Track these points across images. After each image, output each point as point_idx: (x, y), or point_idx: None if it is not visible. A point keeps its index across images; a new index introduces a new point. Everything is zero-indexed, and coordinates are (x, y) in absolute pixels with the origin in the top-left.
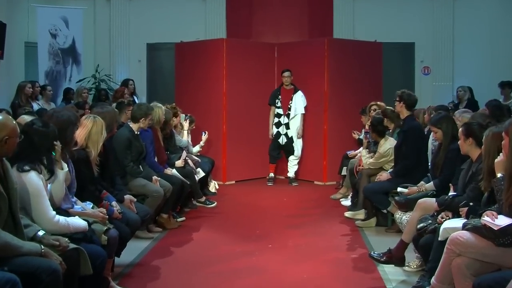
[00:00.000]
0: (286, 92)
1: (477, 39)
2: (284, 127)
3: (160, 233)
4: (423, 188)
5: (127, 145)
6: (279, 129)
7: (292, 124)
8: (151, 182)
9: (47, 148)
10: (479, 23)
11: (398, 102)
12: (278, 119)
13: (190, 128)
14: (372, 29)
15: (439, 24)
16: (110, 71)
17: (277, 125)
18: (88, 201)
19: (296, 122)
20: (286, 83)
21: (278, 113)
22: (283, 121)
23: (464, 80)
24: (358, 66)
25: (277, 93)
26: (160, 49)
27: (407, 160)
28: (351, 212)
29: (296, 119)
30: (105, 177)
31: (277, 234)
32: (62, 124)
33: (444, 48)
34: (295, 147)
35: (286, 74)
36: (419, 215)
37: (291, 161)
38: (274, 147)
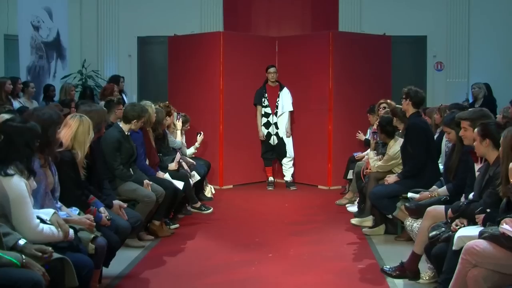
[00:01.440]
0: (272, 89)
1: (495, 32)
2: (274, 127)
3: (152, 242)
4: (435, 193)
5: (117, 146)
6: (269, 129)
7: (280, 122)
8: (142, 186)
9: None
10: (497, 14)
11: (405, 99)
12: (266, 119)
13: (184, 129)
14: (380, 22)
15: (453, 15)
16: (97, 66)
17: (267, 125)
18: (74, 207)
19: (284, 120)
20: (272, 79)
21: (266, 113)
22: (272, 121)
23: (481, 76)
24: (365, 62)
25: (262, 92)
26: (152, 43)
27: (414, 159)
28: (357, 219)
29: (284, 117)
30: (92, 181)
31: (278, 243)
32: (43, 124)
33: (459, 42)
34: (287, 148)
35: (273, 70)
36: (428, 224)
37: (286, 164)
38: (266, 148)
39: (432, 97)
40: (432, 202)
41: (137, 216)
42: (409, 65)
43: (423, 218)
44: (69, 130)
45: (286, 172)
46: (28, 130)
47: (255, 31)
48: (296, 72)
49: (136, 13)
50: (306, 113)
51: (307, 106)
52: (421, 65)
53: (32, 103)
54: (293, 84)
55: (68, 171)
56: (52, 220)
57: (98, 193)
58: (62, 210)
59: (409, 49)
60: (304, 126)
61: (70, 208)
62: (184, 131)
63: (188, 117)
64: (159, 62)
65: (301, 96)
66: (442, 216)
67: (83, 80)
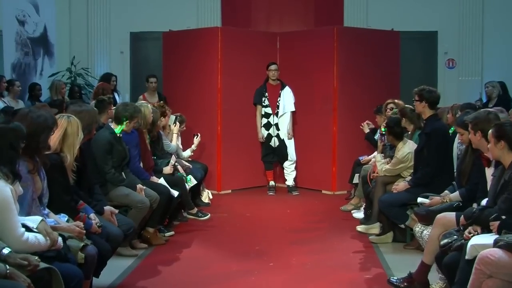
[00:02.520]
0: (273, 88)
1: (511, 27)
2: (275, 128)
3: (146, 250)
4: (447, 198)
5: (108, 149)
6: (270, 130)
7: (281, 123)
8: (135, 191)
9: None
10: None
11: (419, 102)
12: (267, 120)
13: (180, 129)
14: (388, 16)
15: (466, 9)
16: (88, 64)
17: (267, 126)
18: (63, 213)
19: (285, 121)
20: (273, 77)
21: (267, 113)
22: (273, 121)
23: (495, 74)
24: (372, 59)
25: (263, 91)
26: (146, 39)
27: (428, 166)
28: (364, 226)
29: (285, 118)
30: (82, 185)
31: (279, 251)
32: (36, 127)
33: (471, 37)
34: (288, 150)
35: (274, 67)
36: (438, 232)
37: (287, 168)
38: (267, 151)
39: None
40: (444, 208)
41: (130, 223)
42: (418, 62)
43: (433, 225)
44: (57, 132)
45: (288, 176)
46: (11, 130)
47: (255, 26)
48: (298, 70)
49: (128, 7)
50: (309, 113)
51: (310, 106)
52: (431, 62)
53: (18, 102)
54: (295, 83)
55: (56, 176)
56: (40, 228)
57: (88, 199)
58: (50, 217)
59: (418, 46)
60: (307, 127)
61: (58, 214)
62: (180, 132)
63: (184, 117)
64: (153, 60)
65: (303, 96)
66: (453, 223)
67: (72, 78)
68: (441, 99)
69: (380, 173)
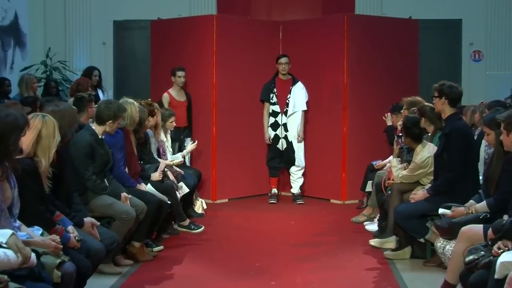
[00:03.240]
0: (283, 84)
1: None
2: (283, 129)
3: (131, 267)
4: (472, 209)
5: (89, 152)
6: (277, 131)
7: (290, 123)
8: (119, 200)
9: None
10: None
11: (438, 98)
12: (274, 119)
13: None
14: (405, 3)
15: None
16: (65, 56)
17: (274, 126)
18: (37, 226)
19: (296, 121)
20: (283, 71)
21: (274, 111)
22: (281, 121)
23: None
24: (387, 51)
25: (271, 86)
26: (131, 28)
27: (450, 172)
28: (378, 240)
29: (296, 118)
30: (59, 194)
31: (282, 268)
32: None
33: (500, 26)
34: (296, 155)
35: (284, 60)
36: (463, 247)
37: (294, 174)
38: (273, 155)
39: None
40: (469, 220)
41: (113, 237)
42: (440, 54)
43: (457, 239)
44: (31, 134)
45: (294, 183)
46: None
47: (254, 14)
48: (303, 64)
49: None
50: (316, 113)
51: (317, 105)
52: (455, 54)
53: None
54: (301, 78)
55: (29, 183)
56: (10, 242)
57: (65, 209)
58: (22, 230)
59: (440, 36)
60: (314, 128)
61: (31, 227)
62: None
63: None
64: (139, 52)
65: (310, 93)
66: (480, 237)
67: (47, 72)
68: (466, 96)
69: (396, 180)
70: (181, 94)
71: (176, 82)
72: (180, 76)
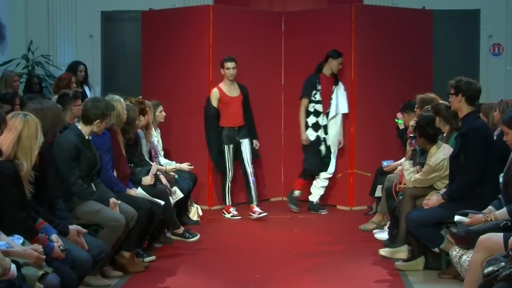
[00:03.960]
0: (328, 81)
1: None
2: (323, 131)
3: (120, 279)
4: (491, 216)
5: (74, 155)
6: (319, 132)
7: (331, 126)
8: (107, 206)
9: None
10: None
11: (454, 95)
12: (316, 119)
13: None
14: None
15: None
16: (48, 50)
17: (316, 127)
18: (17, 235)
19: (336, 124)
20: (336, 70)
21: (317, 111)
22: (322, 122)
23: None
24: (398, 44)
25: (315, 82)
26: (120, 19)
27: (467, 175)
28: (388, 249)
29: (337, 120)
30: (41, 200)
31: (284, 280)
32: None
33: None
34: (332, 161)
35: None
36: (482, 257)
37: (322, 181)
38: (316, 159)
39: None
40: (488, 228)
41: (101, 246)
42: (456, 48)
43: (475, 249)
44: (10, 134)
45: (317, 190)
46: None
47: (254, 4)
48: (307, 58)
49: None
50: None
51: None
52: (472, 48)
53: None
54: (304, 73)
55: (9, 188)
56: None
57: (49, 216)
58: (1, 239)
59: (456, 28)
60: None
61: (11, 236)
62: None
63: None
64: (129, 45)
65: None
66: (500, 246)
67: (29, 67)
68: (484, 93)
69: (408, 184)
70: (233, 88)
71: (226, 75)
72: (229, 68)
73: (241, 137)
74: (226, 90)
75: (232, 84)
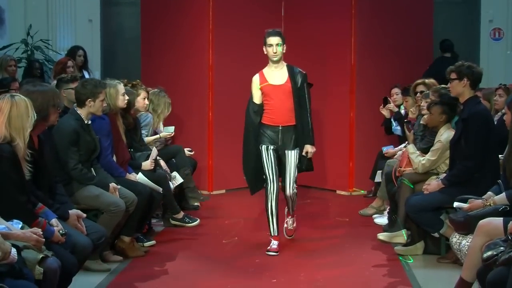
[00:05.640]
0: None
1: None
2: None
3: (120, 264)
4: (490, 201)
5: (73, 139)
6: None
7: None
8: (107, 191)
9: None
10: None
11: (458, 80)
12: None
13: None
14: None
15: None
16: (48, 35)
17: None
18: (16, 219)
19: None
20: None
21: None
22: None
23: None
24: (399, 29)
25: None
26: (120, 4)
27: (467, 160)
28: (387, 234)
29: None
30: (41, 184)
31: (284, 265)
32: None
33: None
34: None
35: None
36: (481, 241)
37: None
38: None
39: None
40: (487, 213)
41: (101, 231)
42: (456, 33)
43: (475, 233)
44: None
45: None
46: None
47: None
48: (307, 44)
49: None
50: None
51: (323, 88)
52: (472, 33)
53: None
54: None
55: (8, 171)
56: None
57: (48, 201)
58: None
59: (456, 12)
60: (319, 113)
61: (10, 221)
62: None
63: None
64: (129, 30)
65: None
66: (500, 231)
67: (28, 52)
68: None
69: (418, 169)
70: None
71: (268, 54)
72: (272, 45)
73: (285, 144)
74: (269, 76)
75: (277, 68)
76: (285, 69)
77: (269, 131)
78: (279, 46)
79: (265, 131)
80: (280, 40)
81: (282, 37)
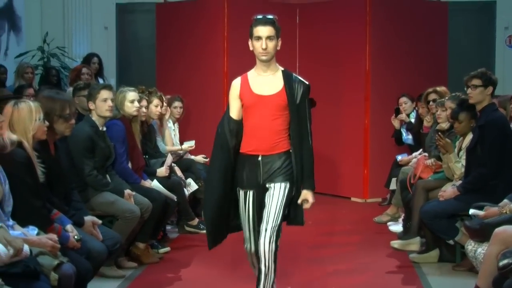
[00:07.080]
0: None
1: None
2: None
3: (135, 270)
4: (507, 208)
5: (88, 146)
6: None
7: None
8: (122, 198)
9: None
10: None
11: (483, 87)
12: None
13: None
14: None
15: None
16: (64, 42)
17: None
18: (32, 226)
19: None
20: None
21: None
22: None
23: None
24: (413, 36)
25: None
26: (135, 11)
27: (482, 167)
28: (402, 242)
29: None
30: (57, 190)
31: (297, 272)
32: None
33: None
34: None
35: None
36: (497, 249)
37: None
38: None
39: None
40: (503, 221)
41: (116, 237)
42: (471, 40)
43: (490, 241)
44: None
45: None
46: None
47: None
48: (322, 50)
49: None
50: (335, 103)
51: (337, 95)
52: (488, 39)
53: None
54: (319, 66)
55: (22, 176)
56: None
57: (64, 207)
58: (15, 229)
59: (472, 19)
60: (333, 120)
61: (26, 227)
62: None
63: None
64: (144, 37)
65: (329, 81)
66: None
67: (44, 59)
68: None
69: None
70: (268, 80)
71: (255, 51)
72: (261, 37)
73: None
74: (254, 82)
75: (266, 72)
76: (280, 75)
77: (247, 165)
78: (271, 41)
79: (243, 165)
80: (273, 32)
81: (276, 27)
